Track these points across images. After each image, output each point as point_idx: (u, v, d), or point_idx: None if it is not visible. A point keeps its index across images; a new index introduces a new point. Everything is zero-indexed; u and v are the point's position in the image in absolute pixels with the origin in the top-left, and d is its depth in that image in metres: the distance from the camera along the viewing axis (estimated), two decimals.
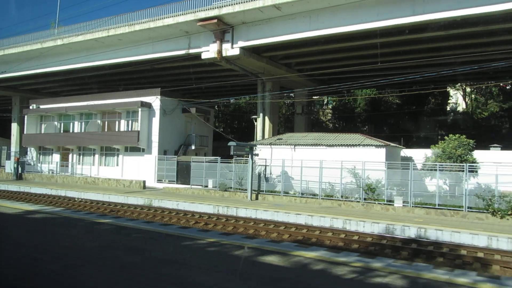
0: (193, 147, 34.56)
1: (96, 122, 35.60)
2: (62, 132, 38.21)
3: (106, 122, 35.47)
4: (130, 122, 33.66)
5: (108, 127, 35.42)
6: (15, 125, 48.90)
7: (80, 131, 36.62)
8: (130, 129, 33.30)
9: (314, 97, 54.64)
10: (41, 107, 39.64)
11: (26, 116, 40.10)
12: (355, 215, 17.81)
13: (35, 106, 40.16)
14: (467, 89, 47.08)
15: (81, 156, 36.93)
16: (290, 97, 43.01)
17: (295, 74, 33.23)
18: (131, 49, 30.70)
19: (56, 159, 38.17)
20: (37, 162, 39.73)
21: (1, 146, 47.12)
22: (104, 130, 35.21)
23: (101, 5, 77.20)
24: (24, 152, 42.30)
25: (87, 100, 36.10)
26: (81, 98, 37.51)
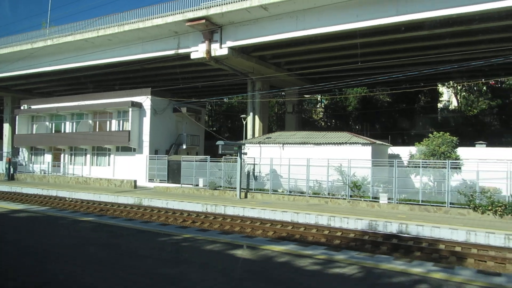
0: (184, 147, 34.75)
1: (88, 122, 35.69)
2: (54, 132, 38.24)
3: (98, 122, 35.58)
4: (121, 122, 33.80)
5: (100, 127, 35.53)
6: (7, 126, 48.88)
7: (72, 131, 36.68)
8: (122, 129, 33.43)
9: (306, 96, 55.22)
10: (33, 107, 39.66)
11: (18, 117, 40.10)
12: (340, 212, 18.13)
13: (27, 107, 40.18)
14: (458, 87, 47.62)
15: (73, 156, 37.01)
16: (281, 96, 43.29)
17: (285, 74, 33.54)
18: (121, 49, 30.83)
19: (48, 159, 38.23)
20: (29, 163, 39.77)
21: None
22: (96, 130, 35.32)
23: (94, 5, 77.06)
24: (16, 153, 42.33)
25: (78, 100, 36.19)
26: (72, 98, 37.58)
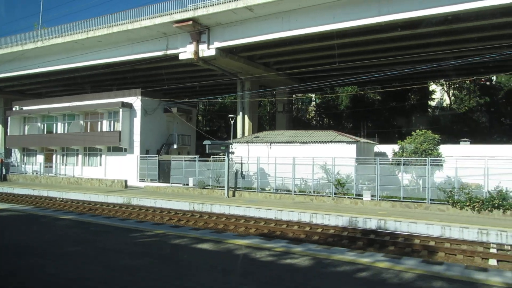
0: (175, 146, 35.08)
1: (79, 123, 35.95)
2: (46, 133, 38.49)
3: (89, 123, 35.85)
4: (112, 123, 34.08)
5: (91, 128, 35.81)
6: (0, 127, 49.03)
7: (63, 132, 36.92)
8: (113, 130, 33.72)
9: (299, 95, 55.66)
10: (24, 109, 39.85)
11: (10, 118, 40.28)
12: (324, 209, 18.55)
13: (18, 108, 40.36)
14: (449, 85, 48.19)
15: (65, 157, 37.26)
16: (271, 96, 43.71)
17: (274, 73, 33.92)
18: (111, 51, 31.11)
19: (40, 160, 38.47)
20: (22, 163, 39.97)
21: None
22: (87, 131, 35.59)
23: (87, 5, 77.13)
24: (9, 154, 42.50)
25: (70, 101, 36.43)
26: (64, 99, 37.83)
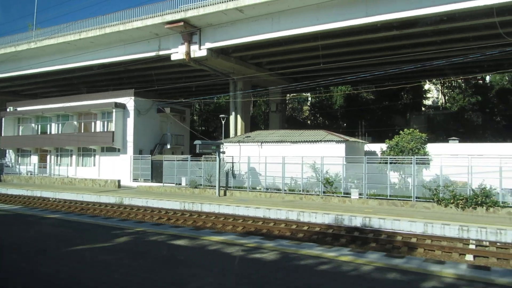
0: (169, 146, 35.31)
1: (73, 124, 36.13)
2: (40, 134, 38.67)
3: (83, 123, 36.05)
4: (106, 123, 34.30)
5: (85, 128, 36.01)
6: None
7: (57, 133, 37.10)
8: (106, 130, 33.93)
9: (293, 94, 55.96)
10: (18, 109, 40.00)
11: (4, 119, 40.41)
12: (312, 208, 18.84)
13: (12, 109, 40.51)
14: (442, 84, 48.61)
15: (59, 157, 37.44)
16: (265, 96, 43.97)
17: (266, 73, 34.20)
18: (104, 51, 31.31)
19: (35, 161, 38.64)
20: (16, 164, 40.12)
21: None
22: (81, 131, 35.78)
23: (82, 5, 77.13)
24: (3, 154, 42.59)
25: (63, 102, 36.62)
26: (58, 100, 38.02)
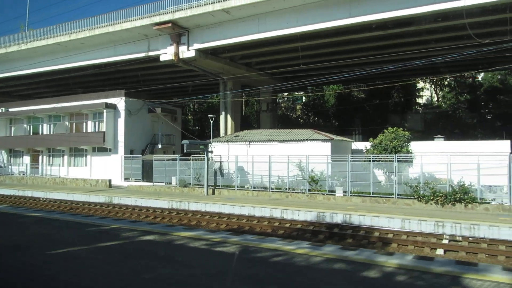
0: (160, 146, 35.62)
1: (64, 124, 36.37)
2: (32, 134, 38.87)
3: (74, 124, 36.30)
4: (97, 123, 34.56)
5: (76, 128, 36.26)
6: None
7: (49, 133, 37.32)
8: (97, 130, 34.20)
9: (285, 94, 56.37)
10: (10, 110, 40.18)
11: None
12: (297, 205, 19.23)
13: (4, 109, 40.65)
14: (427, 83, 49.15)
15: (51, 157, 37.68)
16: (256, 95, 44.33)
17: (256, 73, 34.55)
18: (94, 52, 31.59)
19: (27, 161, 38.85)
20: (8, 164, 40.31)
21: None
22: (72, 132, 36.03)
23: (76, 6, 77.15)
24: None
25: (55, 103, 36.84)
26: (49, 101, 38.23)
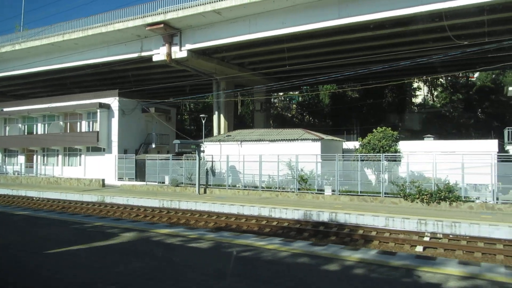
0: (154, 146, 35.85)
1: (59, 124, 36.57)
2: (26, 134, 39.06)
3: (68, 123, 36.50)
4: (91, 123, 34.78)
5: (71, 128, 36.47)
6: None
7: (44, 133, 37.52)
8: (91, 130, 34.42)
9: (280, 93, 56.63)
10: (5, 110, 40.34)
11: None
12: (286, 204, 19.52)
13: None
14: (421, 83, 49.51)
15: (45, 157, 37.88)
16: (249, 95, 44.60)
17: (249, 73, 34.81)
18: (88, 53, 31.79)
19: (21, 161, 39.05)
20: (3, 164, 40.49)
21: None
22: (67, 131, 36.24)
23: (70, 6, 77.18)
24: None
25: (49, 102, 37.03)
26: (44, 100, 38.42)
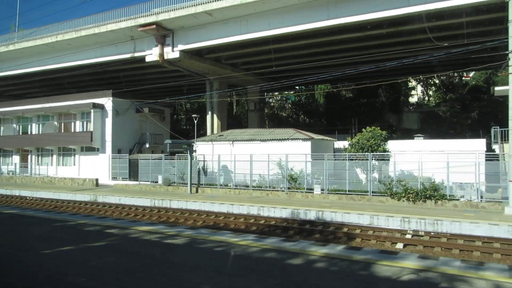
0: (148, 145, 36.07)
1: (53, 124, 36.75)
2: (21, 134, 39.23)
3: (63, 124, 36.69)
4: (85, 123, 34.98)
5: (65, 128, 36.66)
6: None
7: (38, 133, 37.69)
8: (86, 130, 34.63)
9: (275, 93, 56.94)
10: (0, 110, 40.46)
11: None
12: (276, 203, 19.77)
13: None
14: (413, 82, 49.85)
15: (40, 157, 38.07)
16: (243, 95, 44.85)
17: (242, 73, 35.06)
18: (81, 53, 32.00)
19: (16, 161, 39.21)
20: None
21: None
22: (61, 131, 36.42)
23: (66, 6, 77.23)
24: None
25: (44, 103, 37.20)
26: (38, 101, 38.60)
